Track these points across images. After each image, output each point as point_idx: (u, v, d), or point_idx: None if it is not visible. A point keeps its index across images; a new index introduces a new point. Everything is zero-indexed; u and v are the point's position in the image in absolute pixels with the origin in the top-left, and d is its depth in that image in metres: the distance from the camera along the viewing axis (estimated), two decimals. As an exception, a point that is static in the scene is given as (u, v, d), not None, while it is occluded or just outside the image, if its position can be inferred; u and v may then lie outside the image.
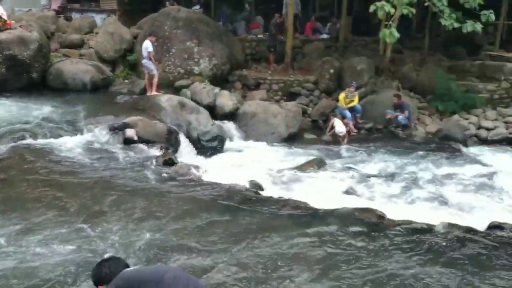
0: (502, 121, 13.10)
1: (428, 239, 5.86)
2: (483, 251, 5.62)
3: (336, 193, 8.55)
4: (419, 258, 5.42)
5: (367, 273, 5.14)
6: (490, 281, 5.00)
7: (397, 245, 5.74)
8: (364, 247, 5.67)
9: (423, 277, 5.07)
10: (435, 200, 8.29)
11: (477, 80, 14.08)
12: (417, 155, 11.28)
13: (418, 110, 13.69)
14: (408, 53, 15.83)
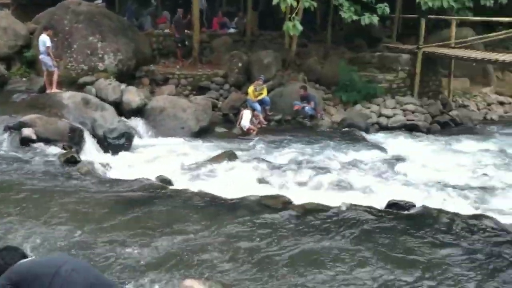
0: (400, 109, 13.96)
1: (332, 218, 6.09)
2: (382, 225, 5.97)
3: (248, 183, 8.61)
4: (325, 236, 5.66)
5: (276, 254, 5.27)
6: (387, 251, 5.34)
7: (303, 226, 5.94)
8: (272, 231, 5.78)
9: (329, 253, 5.32)
10: (341, 184, 8.61)
11: (377, 71, 14.88)
12: (324, 143, 11.71)
13: (324, 101, 14.21)
14: (313, 46, 16.35)
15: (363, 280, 4.85)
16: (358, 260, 5.19)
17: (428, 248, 5.47)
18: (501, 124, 14.62)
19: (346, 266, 5.09)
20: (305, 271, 5.00)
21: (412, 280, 4.87)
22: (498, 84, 17.29)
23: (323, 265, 5.08)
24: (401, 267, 5.08)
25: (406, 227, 5.95)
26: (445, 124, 13.97)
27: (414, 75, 14.34)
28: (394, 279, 4.88)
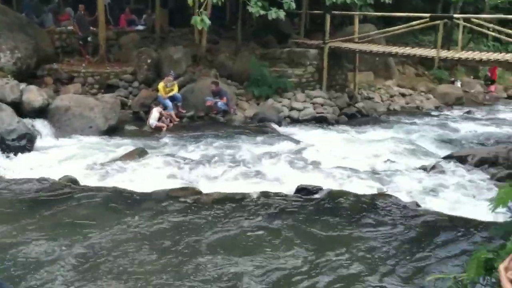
0: (310, 102, 14.36)
1: (243, 206, 6.11)
2: (291, 209, 6.11)
3: (158, 179, 8.44)
4: (235, 223, 5.68)
5: (186, 244, 5.19)
6: (295, 233, 5.47)
7: (214, 215, 5.91)
8: (181, 221, 5.69)
9: (239, 238, 5.33)
10: (253, 175, 8.69)
11: (287, 66, 15.19)
12: (238, 137, 11.75)
13: (236, 97, 14.26)
14: (223, 43, 16.39)
15: (273, 263, 4.90)
16: (268, 243, 5.25)
17: (335, 226, 5.70)
18: (403, 114, 15.55)
19: (257, 249, 5.14)
20: (217, 258, 5.00)
21: (320, 256, 5.01)
22: (399, 78, 18.36)
23: (234, 250, 5.09)
24: (311, 246, 5.22)
25: (315, 209, 6.15)
26: (352, 116, 14.60)
27: (322, 69, 14.82)
28: (304, 258, 4.99)
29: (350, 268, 4.80)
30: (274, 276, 4.69)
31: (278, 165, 9.40)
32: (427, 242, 5.35)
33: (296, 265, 4.84)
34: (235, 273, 4.70)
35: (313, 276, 4.66)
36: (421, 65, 19.75)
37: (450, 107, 16.88)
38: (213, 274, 4.67)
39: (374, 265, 4.87)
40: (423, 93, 17.46)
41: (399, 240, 5.39)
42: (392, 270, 4.77)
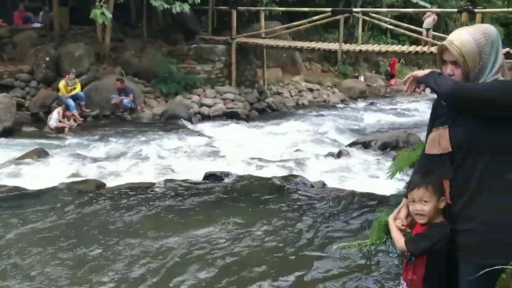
0: (220, 98, 14.29)
1: (149, 193, 5.91)
2: (199, 195, 5.97)
3: (60, 177, 7.92)
4: (143, 208, 5.47)
5: (89, 235, 4.87)
6: (204, 211, 5.34)
7: (120, 203, 5.64)
8: (84, 213, 5.36)
9: (148, 220, 5.13)
10: (161, 169, 8.40)
11: (195, 62, 15.02)
12: (146, 135, 11.37)
13: (144, 94, 13.86)
14: (129, 41, 15.86)
15: (183, 242, 4.75)
16: (177, 223, 5.12)
17: (245, 206, 5.67)
18: (311, 107, 15.97)
19: (167, 230, 4.98)
20: (124, 242, 4.77)
21: (233, 232, 4.94)
22: (306, 73, 18.86)
23: (141, 233, 4.89)
24: (221, 225, 5.15)
25: (224, 192, 6.10)
26: (262, 111, 14.74)
27: (231, 65, 14.83)
28: (216, 235, 4.89)
29: (261, 243, 4.77)
30: (184, 254, 4.54)
31: (187, 159, 9.20)
32: (334, 215, 5.46)
33: (208, 243, 4.72)
34: (144, 253, 4.51)
35: (226, 251, 4.57)
36: (326, 61, 20.46)
37: (355, 100, 17.61)
38: (121, 257, 4.43)
39: (285, 239, 4.88)
40: (329, 88, 18.06)
41: (307, 215, 5.45)
42: (302, 242, 4.80)
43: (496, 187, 2.26)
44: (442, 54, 2.32)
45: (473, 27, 2.31)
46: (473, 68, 2.23)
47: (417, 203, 2.45)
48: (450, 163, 2.34)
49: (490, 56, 2.23)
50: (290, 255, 4.51)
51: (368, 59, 21.55)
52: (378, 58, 21.42)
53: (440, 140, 2.36)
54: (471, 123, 2.25)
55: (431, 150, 2.45)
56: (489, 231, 2.25)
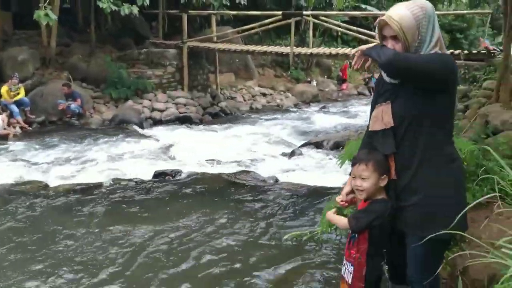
0: (172, 103, 14.08)
1: (96, 192, 5.67)
2: (149, 190, 5.78)
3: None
4: (89, 206, 5.22)
5: (33, 236, 4.57)
6: (154, 208, 5.17)
7: (65, 203, 5.39)
8: (29, 214, 5.08)
9: (95, 218, 4.91)
10: (111, 172, 8.10)
11: (146, 67, 14.75)
12: (95, 140, 11.02)
13: (93, 100, 13.47)
14: (76, 45, 15.40)
15: (129, 238, 4.55)
16: (126, 220, 4.91)
17: (197, 201, 5.55)
18: (264, 112, 16.01)
19: (114, 228, 4.76)
20: (70, 241, 4.51)
21: (181, 232, 4.77)
22: (259, 79, 18.92)
23: (89, 232, 4.66)
24: (172, 221, 5.00)
25: (174, 189, 5.95)
26: (216, 115, 14.64)
27: (182, 69, 14.65)
28: (167, 231, 4.74)
29: (214, 235, 4.65)
30: (131, 250, 4.36)
31: (137, 161, 8.95)
32: (287, 207, 5.42)
33: (158, 239, 4.55)
34: (92, 251, 4.28)
35: (178, 246, 4.43)
36: (279, 67, 20.61)
37: (308, 104, 17.80)
38: (65, 257, 4.19)
39: (238, 230, 4.79)
40: (283, 92, 18.18)
41: (260, 208, 5.38)
42: (255, 233, 4.73)
43: (436, 159, 2.31)
44: (382, 30, 2.34)
45: (410, 2, 2.32)
46: (412, 42, 2.26)
47: (357, 178, 2.47)
48: (393, 138, 2.36)
49: (428, 30, 2.27)
50: (243, 246, 4.42)
51: (320, 65, 21.86)
52: (329, 63, 21.80)
53: (383, 115, 2.39)
54: (412, 96, 2.28)
55: (374, 127, 2.46)
56: (429, 205, 2.30)
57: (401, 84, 2.34)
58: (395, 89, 2.36)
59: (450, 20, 25.56)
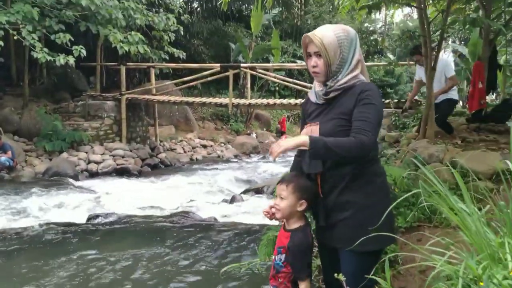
0: (109, 155, 13.76)
1: (25, 236, 5.32)
2: (83, 234, 5.49)
3: None
4: (16, 252, 4.83)
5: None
6: (87, 252, 4.89)
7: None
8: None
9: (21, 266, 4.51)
10: (41, 220, 7.71)
11: (83, 119, 14.44)
12: (26, 193, 10.43)
13: (25, 153, 12.93)
14: (9, 98, 14.91)
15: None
16: (51, 270, 4.58)
17: (131, 243, 5.31)
18: (205, 162, 15.96)
19: (37, 275, 4.42)
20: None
21: (116, 274, 4.53)
22: (200, 131, 18.99)
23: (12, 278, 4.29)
24: (106, 266, 4.71)
25: (107, 232, 5.66)
26: (155, 166, 14.44)
27: (121, 121, 14.47)
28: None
29: (150, 275, 4.42)
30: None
31: (70, 212, 8.55)
32: (225, 243, 5.30)
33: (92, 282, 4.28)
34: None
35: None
36: (219, 120, 20.83)
37: (248, 155, 17.97)
38: None
39: (176, 268, 4.60)
40: (223, 144, 18.28)
41: (198, 245, 5.24)
42: (194, 269, 4.56)
43: (362, 175, 2.38)
44: (307, 48, 2.45)
45: (335, 25, 2.48)
46: (334, 60, 2.37)
47: (277, 197, 2.50)
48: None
49: (350, 51, 2.40)
50: (181, 281, 4.25)
51: (259, 118, 22.30)
52: (268, 117, 22.29)
53: (312, 135, 2.42)
54: (338, 116, 2.37)
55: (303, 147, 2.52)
56: (358, 218, 2.35)
57: (328, 105, 2.43)
58: (322, 110, 2.45)
59: (381, 76, 27.15)
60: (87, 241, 5.38)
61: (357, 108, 2.31)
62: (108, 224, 6.00)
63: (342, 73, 2.38)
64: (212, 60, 19.60)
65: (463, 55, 14.04)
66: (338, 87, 2.39)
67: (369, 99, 2.30)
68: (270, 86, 23.25)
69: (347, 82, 2.38)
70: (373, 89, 2.35)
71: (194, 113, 19.39)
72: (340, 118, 2.35)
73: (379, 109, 2.33)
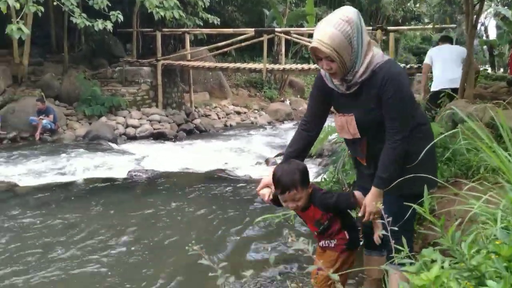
0: (146, 120, 14.08)
1: (68, 190, 5.61)
2: (123, 187, 5.73)
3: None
4: (60, 205, 5.12)
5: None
6: (127, 211, 5.13)
7: (38, 201, 5.31)
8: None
9: (67, 216, 4.78)
10: (86, 175, 8.05)
11: (120, 85, 14.75)
12: (68, 154, 10.83)
13: (66, 117, 13.38)
14: (50, 64, 15.35)
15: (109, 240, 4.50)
16: (102, 217, 4.86)
17: (172, 195, 5.53)
18: (239, 128, 16.12)
19: (90, 225, 4.70)
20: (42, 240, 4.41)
21: (160, 223, 4.76)
22: (234, 98, 19.11)
23: (60, 230, 4.58)
24: (150, 215, 4.96)
25: (148, 185, 5.90)
26: (190, 131, 14.68)
27: (157, 86, 14.72)
28: (146, 226, 4.69)
29: (191, 224, 4.64)
30: (113, 243, 4.31)
31: (110, 172, 8.88)
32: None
33: (138, 229, 4.52)
34: (66, 245, 4.20)
35: (158, 234, 4.40)
36: (253, 87, 20.87)
37: (281, 122, 18.00)
38: (39, 255, 4.10)
39: (213, 218, 4.81)
40: (257, 111, 18.37)
41: (234, 198, 5.41)
42: (230, 219, 4.75)
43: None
44: (316, 52, 2.33)
45: (334, 16, 2.32)
46: (347, 57, 2.28)
47: (289, 202, 2.50)
48: (363, 143, 2.51)
49: (358, 39, 2.30)
50: (220, 230, 4.45)
51: (293, 85, 22.22)
52: (302, 84, 22.18)
53: (348, 127, 2.50)
54: (370, 107, 2.39)
55: (342, 135, 2.62)
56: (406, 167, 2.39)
57: (356, 96, 2.42)
58: (349, 100, 2.45)
59: (418, 43, 26.46)
60: (128, 194, 5.63)
61: (383, 103, 2.31)
62: (148, 179, 6.25)
63: (358, 63, 2.32)
64: (246, 27, 19.48)
65: (506, 17, 13.55)
66: (358, 80, 2.35)
67: (391, 92, 2.28)
68: (303, 53, 23.02)
69: (365, 71, 2.33)
70: (391, 74, 2.29)
71: (228, 80, 19.47)
72: (371, 108, 2.37)
73: (403, 97, 2.30)
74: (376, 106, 2.34)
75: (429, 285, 1.45)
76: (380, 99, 2.31)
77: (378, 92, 2.31)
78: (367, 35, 2.35)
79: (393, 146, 2.32)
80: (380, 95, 2.31)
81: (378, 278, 2.81)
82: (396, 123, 2.31)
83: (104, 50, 16.60)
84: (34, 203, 5.30)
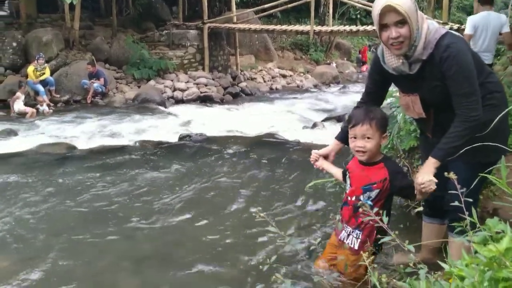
0: (193, 83, 14.20)
1: (124, 153, 5.80)
2: (175, 151, 5.87)
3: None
4: (118, 167, 5.33)
5: (60, 196, 4.69)
6: (183, 168, 5.24)
7: (94, 163, 5.52)
8: (59, 173, 5.22)
9: (126, 179, 4.97)
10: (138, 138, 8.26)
11: (167, 48, 14.88)
12: (119, 117, 11.18)
13: (116, 80, 13.66)
14: (99, 28, 15.64)
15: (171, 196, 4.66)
16: (159, 180, 5.01)
17: (223, 159, 5.62)
18: (284, 91, 16.05)
19: (152, 188, 4.88)
20: (105, 203, 4.60)
21: (216, 185, 4.89)
22: (279, 61, 18.94)
23: (124, 194, 4.75)
24: (203, 178, 5.08)
25: (201, 149, 6.02)
26: (236, 95, 14.71)
27: (203, 50, 14.75)
28: (204, 188, 4.83)
29: (245, 186, 4.74)
30: (171, 206, 4.44)
31: (162, 132, 9.10)
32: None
33: (195, 194, 4.65)
34: (126, 209, 4.37)
35: (215, 197, 4.53)
36: (298, 50, 20.58)
37: (327, 85, 17.75)
38: (100, 218, 4.28)
39: (266, 181, 4.88)
40: (302, 74, 18.18)
41: (284, 163, 5.45)
42: (281, 184, 4.81)
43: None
44: (381, 19, 2.25)
45: None
46: (415, 25, 2.22)
47: (359, 139, 2.39)
48: (428, 121, 2.50)
49: (417, 10, 2.26)
50: (273, 193, 4.52)
51: (340, 48, 21.76)
52: (349, 46, 21.68)
53: (414, 106, 2.47)
54: (434, 85, 2.33)
55: (408, 113, 2.64)
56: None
57: (419, 75, 2.34)
58: (412, 79, 2.38)
59: (471, 2, 25.14)
60: (181, 156, 5.75)
61: (448, 78, 2.25)
62: (200, 142, 6.37)
63: (418, 37, 2.25)
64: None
65: None
66: (418, 57, 2.28)
67: (453, 69, 2.21)
68: (351, 14, 22.42)
69: (425, 47, 2.26)
70: (450, 51, 2.22)
71: (273, 43, 19.26)
72: (434, 85, 2.32)
73: (464, 70, 2.23)
74: (440, 82, 2.29)
75: (498, 257, 1.42)
76: (443, 75, 2.27)
77: (439, 69, 2.27)
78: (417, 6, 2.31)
79: (468, 122, 2.25)
80: (442, 72, 2.26)
81: (438, 247, 2.79)
82: (468, 98, 2.24)
83: (151, 14, 16.71)
84: (94, 165, 5.50)
